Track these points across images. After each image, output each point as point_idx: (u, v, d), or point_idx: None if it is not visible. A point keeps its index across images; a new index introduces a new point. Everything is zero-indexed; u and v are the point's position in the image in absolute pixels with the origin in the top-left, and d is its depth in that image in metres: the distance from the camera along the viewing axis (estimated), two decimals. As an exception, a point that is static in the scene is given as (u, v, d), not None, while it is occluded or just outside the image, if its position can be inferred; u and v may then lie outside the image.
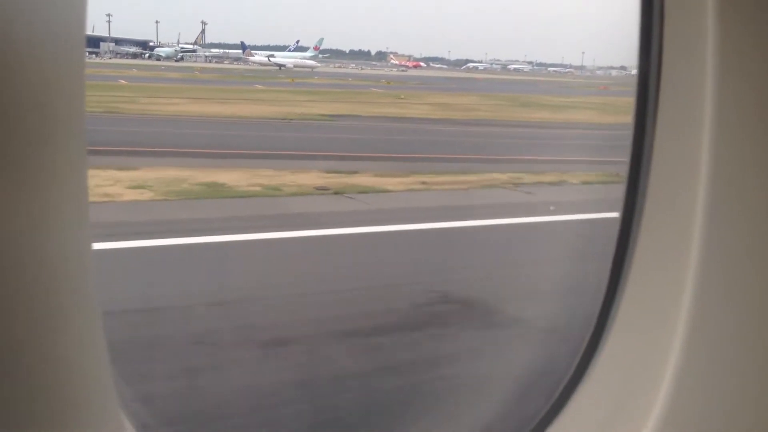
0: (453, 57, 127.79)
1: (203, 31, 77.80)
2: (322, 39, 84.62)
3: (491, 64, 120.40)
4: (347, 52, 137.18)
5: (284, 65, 73.84)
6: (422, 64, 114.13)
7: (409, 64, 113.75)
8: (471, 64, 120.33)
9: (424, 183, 16.71)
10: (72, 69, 1.28)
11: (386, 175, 17.00)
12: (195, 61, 75.06)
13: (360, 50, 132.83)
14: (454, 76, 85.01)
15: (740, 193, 2.03)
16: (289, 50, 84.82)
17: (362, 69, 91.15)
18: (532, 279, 9.27)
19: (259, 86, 39.88)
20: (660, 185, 2.22)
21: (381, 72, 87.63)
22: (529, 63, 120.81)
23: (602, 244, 2.49)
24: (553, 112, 35.54)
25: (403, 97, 40.12)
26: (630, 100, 2.37)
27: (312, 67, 75.44)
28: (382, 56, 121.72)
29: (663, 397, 2.15)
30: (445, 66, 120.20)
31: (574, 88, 68.20)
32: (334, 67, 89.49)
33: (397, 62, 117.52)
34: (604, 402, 2.40)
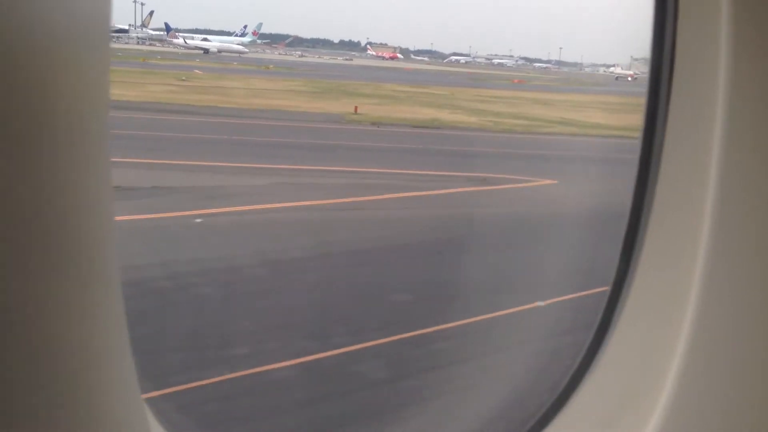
0: (443, 50, 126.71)
1: (150, 14, 76.32)
2: (260, 24, 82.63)
3: (473, 58, 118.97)
4: (336, 42, 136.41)
5: (208, 49, 71.74)
6: (399, 55, 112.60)
7: (386, 55, 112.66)
8: (454, 58, 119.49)
9: None
10: (97, 62, 1.28)
11: None
12: (126, 43, 73.82)
13: (350, 41, 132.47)
14: (384, 66, 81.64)
15: (749, 193, 2.03)
16: (236, 35, 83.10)
17: (302, 56, 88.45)
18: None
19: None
20: (669, 184, 2.23)
21: (321, 60, 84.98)
22: (511, 57, 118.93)
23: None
24: (339, 102, 31.97)
25: (184, 78, 37.30)
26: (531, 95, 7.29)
27: (240, 53, 73.23)
28: (373, 47, 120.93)
29: (666, 396, 2.16)
30: (426, 59, 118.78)
31: (487, 80, 64.66)
32: (278, 54, 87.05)
33: (374, 53, 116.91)
34: (606, 399, 2.41)
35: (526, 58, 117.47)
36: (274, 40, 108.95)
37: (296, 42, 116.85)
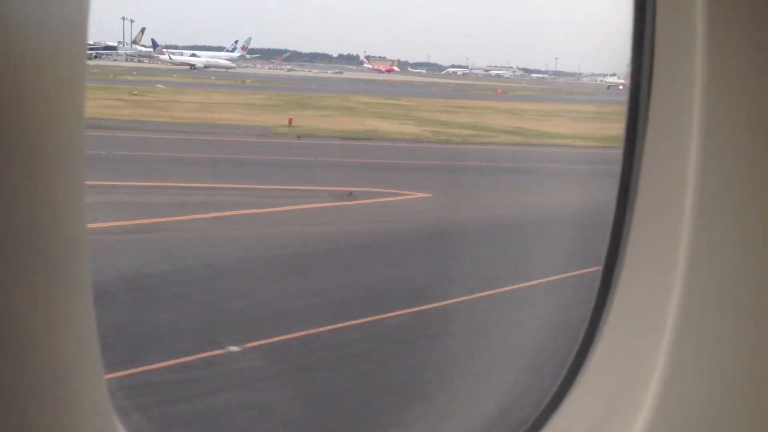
0: (442, 63, 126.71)
1: (142, 31, 76.90)
2: (249, 39, 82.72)
3: (471, 70, 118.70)
4: (335, 56, 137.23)
5: (194, 65, 71.97)
6: (396, 68, 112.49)
7: (382, 68, 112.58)
8: (451, 70, 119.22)
9: None
10: (73, 69, 1.29)
11: None
12: (115, 60, 74.34)
13: (349, 55, 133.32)
14: (375, 79, 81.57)
15: (729, 195, 2.07)
16: (227, 50, 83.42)
17: (291, 71, 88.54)
18: None
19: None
20: (650, 188, 2.27)
21: (310, 74, 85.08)
22: (510, 69, 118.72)
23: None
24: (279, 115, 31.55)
25: (136, 93, 37.33)
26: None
27: (227, 68, 73.39)
28: (369, 60, 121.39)
29: (652, 397, 2.20)
30: (423, 71, 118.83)
31: (470, 91, 64.09)
32: (268, 68, 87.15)
33: (370, 66, 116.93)
34: (596, 403, 2.44)
35: (525, 69, 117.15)
36: (272, 55, 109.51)
37: (294, 57, 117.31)
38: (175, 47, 77.93)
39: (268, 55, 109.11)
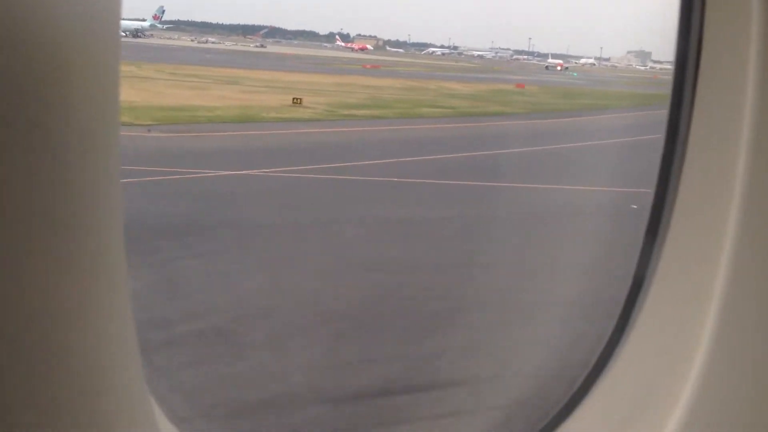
0: (414, 41, 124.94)
1: None
2: (161, 7, 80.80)
3: (450, 50, 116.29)
4: (323, 34, 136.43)
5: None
6: (369, 47, 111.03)
7: (356, 47, 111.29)
8: (431, 50, 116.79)
9: None
10: (107, 60, 1.28)
11: None
12: None
13: (340, 33, 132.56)
14: (304, 54, 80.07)
15: None
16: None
17: (231, 45, 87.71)
18: None
19: None
20: (693, 180, 2.17)
21: (241, 48, 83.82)
22: (491, 50, 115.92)
23: None
24: None
25: None
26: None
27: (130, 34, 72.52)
28: (345, 37, 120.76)
29: (686, 397, 2.11)
30: (402, 50, 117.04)
31: (333, 65, 61.74)
32: (197, 42, 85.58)
33: (343, 44, 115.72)
34: (624, 397, 2.35)
35: (509, 50, 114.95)
36: (251, 31, 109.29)
37: (274, 33, 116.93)
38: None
39: (247, 30, 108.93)
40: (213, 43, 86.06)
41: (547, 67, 75.15)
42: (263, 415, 6.81)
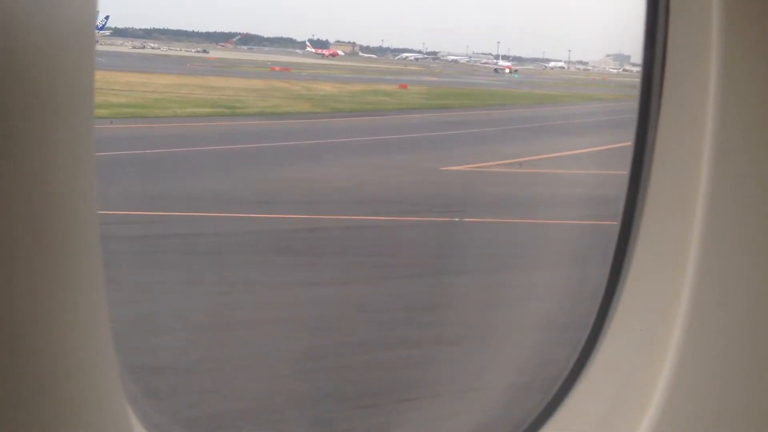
0: (396, 47, 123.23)
1: None
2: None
3: (424, 56, 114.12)
4: (299, 41, 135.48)
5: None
6: (340, 52, 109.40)
7: (326, 52, 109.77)
8: (405, 55, 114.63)
9: None
10: (82, 64, 1.30)
11: None
12: None
13: (318, 39, 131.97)
14: (250, 59, 77.78)
15: (741, 193, 2.05)
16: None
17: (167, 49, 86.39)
18: None
19: None
20: (660, 187, 2.24)
21: (186, 54, 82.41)
22: (466, 55, 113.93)
23: None
24: None
25: None
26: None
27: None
28: (323, 44, 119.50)
29: (658, 396, 2.19)
30: (374, 56, 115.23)
31: (240, 69, 59.24)
32: (131, 47, 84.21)
33: (312, 50, 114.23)
34: (600, 400, 2.41)
35: (485, 54, 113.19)
36: (227, 38, 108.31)
37: (249, 39, 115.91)
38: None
39: (222, 38, 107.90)
40: (152, 48, 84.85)
41: (495, 70, 76.60)
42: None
